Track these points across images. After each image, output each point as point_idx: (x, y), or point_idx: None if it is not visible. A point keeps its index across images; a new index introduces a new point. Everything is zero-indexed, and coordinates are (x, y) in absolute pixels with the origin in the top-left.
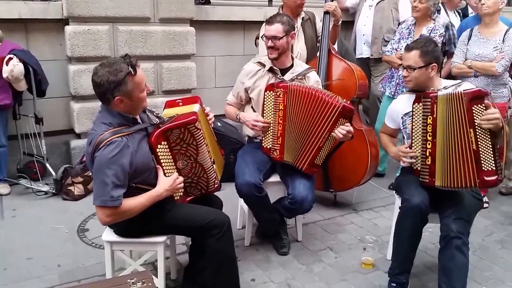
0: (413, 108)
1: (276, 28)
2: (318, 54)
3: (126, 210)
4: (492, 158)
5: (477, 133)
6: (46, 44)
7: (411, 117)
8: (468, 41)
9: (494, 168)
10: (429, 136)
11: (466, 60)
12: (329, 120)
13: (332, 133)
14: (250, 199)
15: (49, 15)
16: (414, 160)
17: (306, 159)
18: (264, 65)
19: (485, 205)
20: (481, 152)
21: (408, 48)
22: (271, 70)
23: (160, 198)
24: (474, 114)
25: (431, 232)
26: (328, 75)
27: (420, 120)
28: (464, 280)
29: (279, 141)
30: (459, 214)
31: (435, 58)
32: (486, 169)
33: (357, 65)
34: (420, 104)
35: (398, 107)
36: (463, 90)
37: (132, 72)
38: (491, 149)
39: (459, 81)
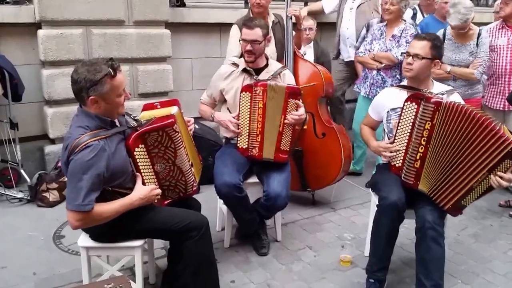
0: (404, 105)
1: (257, 33)
2: (284, 57)
3: (97, 215)
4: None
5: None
6: (18, 49)
7: (398, 114)
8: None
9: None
10: (424, 141)
11: (442, 63)
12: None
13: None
14: (230, 200)
15: (21, 19)
16: (394, 154)
17: (280, 151)
18: (238, 66)
19: None
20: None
21: (420, 37)
22: (245, 70)
23: (132, 207)
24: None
25: (407, 228)
26: (295, 77)
27: (409, 120)
28: (442, 270)
29: (258, 138)
30: (434, 205)
31: (439, 56)
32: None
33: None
34: (414, 104)
35: (385, 101)
36: (473, 111)
37: (111, 74)
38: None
39: (450, 87)
